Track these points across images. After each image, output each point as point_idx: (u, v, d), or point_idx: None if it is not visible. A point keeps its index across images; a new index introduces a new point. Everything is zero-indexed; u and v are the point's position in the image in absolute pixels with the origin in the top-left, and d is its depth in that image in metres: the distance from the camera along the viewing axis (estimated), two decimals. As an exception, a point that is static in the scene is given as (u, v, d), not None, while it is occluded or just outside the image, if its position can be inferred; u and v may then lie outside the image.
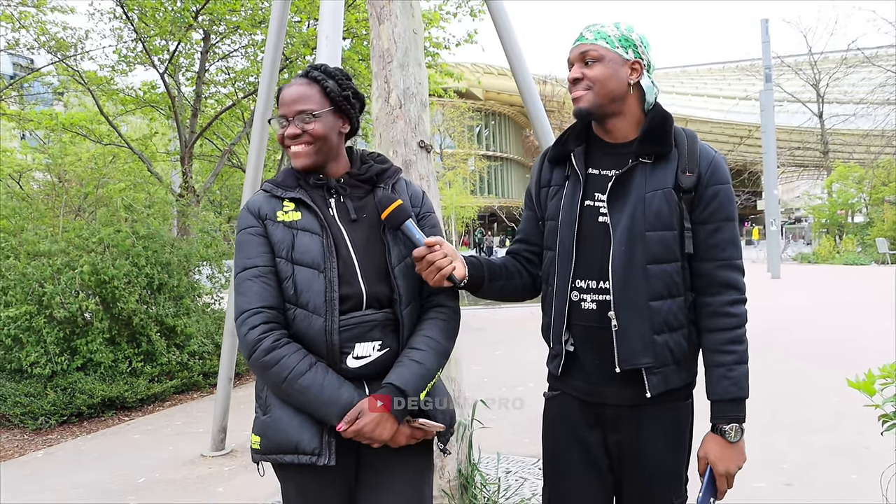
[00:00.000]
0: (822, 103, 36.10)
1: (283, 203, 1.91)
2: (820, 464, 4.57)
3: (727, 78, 58.09)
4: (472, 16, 11.83)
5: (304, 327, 1.82)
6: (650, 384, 1.89)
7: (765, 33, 22.30)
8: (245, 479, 4.81)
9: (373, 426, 1.76)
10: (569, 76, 1.98)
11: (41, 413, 6.22)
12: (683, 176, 1.91)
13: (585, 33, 1.96)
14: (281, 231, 1.86)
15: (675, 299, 1.90)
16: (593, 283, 1.94)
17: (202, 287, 8.28)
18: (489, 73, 40.47)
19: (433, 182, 3.66)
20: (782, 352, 8.32)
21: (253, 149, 5.10)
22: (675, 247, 1.90)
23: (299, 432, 1.80)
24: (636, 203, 1.89)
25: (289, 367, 1.76)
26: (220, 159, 11.74)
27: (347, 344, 1.83)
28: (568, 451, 2.04)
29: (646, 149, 1.93)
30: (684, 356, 1.93)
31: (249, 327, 1.79)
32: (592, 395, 1.99)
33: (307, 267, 1.83)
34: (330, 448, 1.79)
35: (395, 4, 3.57)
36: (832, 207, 30.02)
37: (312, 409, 1.78)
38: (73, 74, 10.95)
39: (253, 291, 1.82)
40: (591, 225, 1.96)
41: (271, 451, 1.83)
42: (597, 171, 2.00)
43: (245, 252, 1.87)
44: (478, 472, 3.86)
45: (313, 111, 1.91)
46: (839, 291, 15.44)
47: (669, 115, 1.99)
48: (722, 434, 1.88)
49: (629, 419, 1.96)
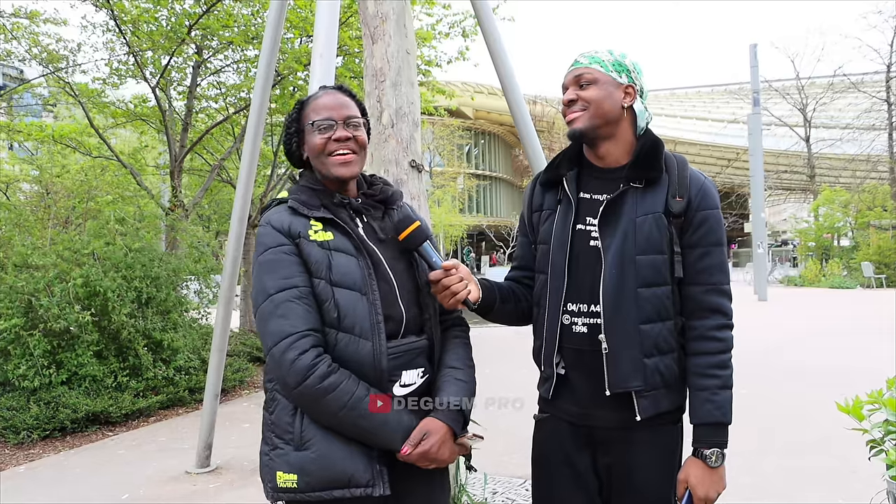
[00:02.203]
0: (809, 128, 36.43)
1: (310, 222, 1.82)
2: (806, 488, 4.57)
3: (716, 101, 58.59)
4: (464, 36, 11.88)
5: (352, 352, 1.74)
6: (640, 407, 1.89)
7: (753, 58, 22.53)
8: (230, 496, 4.76)
9: (437, 447, 1.75)
10: (563, 99, 2.00)
11: (24, 427, 6.14)
12: (673, 201, 1.92)
13: (580, 58, 1.99)
14: (317, 251, 1.77)
15: (666, 323, 1.91)
16: (584, 306, 1.95)
17: (190, 302, 8.24)
18: (480, 92, 40.57)
19: (424, 201, 3.66)
20: (769, 374, 8.36)
21: (244, 164, 5.10)
22: (665, 271, 1.91)
23: (352, 464, 1.71)
24: (627, 227, 1.91)
25: (348, 393, 1.68)
26: (209, 174, 11.71)
27: (396, 371, 1.79)
28: (558, 474, 2.04)
29: (637, 173, 1.95)
30: (675, 380, 1.94)
31: (299, 352, 1.67)
32: (582, 417, 1.99)
33: (348, 289, 1.76)
34: (382, 477, 1.73)
35: (389, 24, 3.59)
36: (818, 231, 30.24)
37: (376, 434, 1.72)
38: (63, 86, 10.92)
39: (297, 314, 1.70)
40: (583, 249, 1.97)
41: (315, 487, 1.70)
42: (588, 196, 2.01)
43: (279, 272, 1.75)
44: (465, 494, 3.84)
45: (359, 118, 1.90)
46: (826, 314, 15.53)
47: (660, 140, 2.01)
48: (703, 458, 1.87)
49: (620, 442, 1.96)
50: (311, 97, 1.94)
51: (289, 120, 1.95)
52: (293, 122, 1.94)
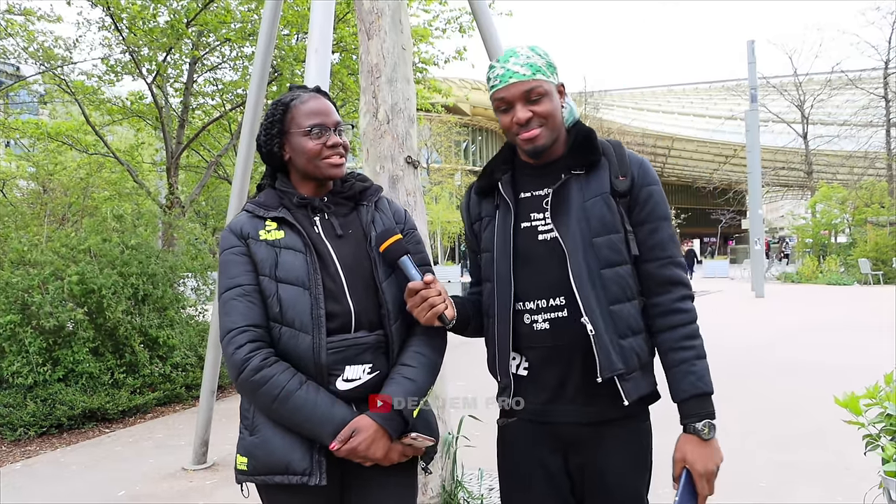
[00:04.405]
0: (806, 124, 36.44)
1: (265, 223, 1.90)
2: (799, 483, 4.57)
3: (713, 97, 58.53)
4: (461, 32, 11.88)
5: (292, 346, 1.80)
6: (625, 391, 1.85)
7: (751, 54, 22.51)
8: (227, 493, 4.77)
9: (367, 444, 1.75)
10: (515, 118, 1.91)
11: (20, 424, 6.14)
12: (617, 181, 1.92)
13: (516, 68, 1.90)
14: (264, 249, 1.85)
15: (632, 302, 1.90)
16: (543, 302, 1.92)
17: (186, 299, 8.24)
18: (477, 89, 40.51)
19: (420, 197, 3.66)
20: (765, 370, 8.37)
21: (240, 160, 5.09)
22: (622, 249, 1.90)
23: (289, 452, 1.77)
24: (578, 213, 1.89)
25: (279, 386, 1.73)
26: (206, 170, 11.71)
27: (337, 366, 1.81)
28: (529, 477, 1.99)
29: (576, 161, 1.95)
30: (647, 360, 1.93)
31: (236, 346, 1.76)
32: (544, 414, 1.96)
33: (291, 284, 1.81)
34: (321, 468, 1.77)
35: (385, 20, 3.59)
36: (815, 227, 30.27)
37: (304, 428, 1.76)
38: (59, 83, 10.91)
39: (237, 311, 1.80)
40: (531, 246, 1.95)
41: (260, 471, 1.81)
42: (528, 194, 2.00)
43: (228, 272, 1.85)
44: (461, 489, 3.85)
45: (342, 123, 1.95)
46: (823, 311, 15.54)
47: (592, 129, 2.02)
48: (696, 433, 1.83)
49: (591, 440, 1.93)
50: (293, 100, 1.95)
51: (270, 121, 1.96)
52: (276, 123, 1.95)
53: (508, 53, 1.93)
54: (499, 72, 1.92)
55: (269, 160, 2.00)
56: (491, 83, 1.96)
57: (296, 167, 1.97)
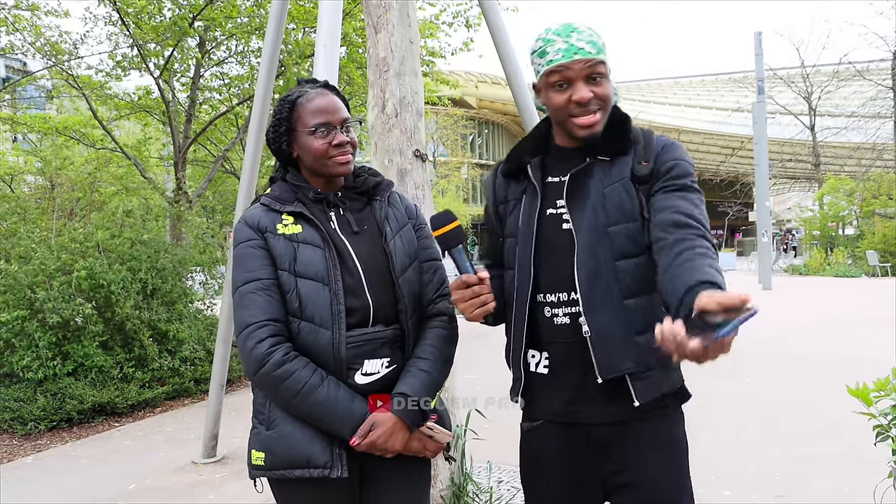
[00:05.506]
0: (813, 116, 36.21)
1: (281, 216, 1.88)
2: (812, 475, 4.57)
3: (720, 89, 58.28)
4: (467, 26, 11.85)
5: (311, 341, 1.79)
6: (636, 391, 1.71)
7: (758, 46, 22.38)
8: (236, 486, 4.79)
9: (386, 437, 1.77)
10: (575, 97, 1.75)
11: (31, 418, 6.17)
12: (639, 166, 1.78)
13: (581, 44, 1.74)
14: (282, 244, 1.83)
15: (651, 295, 1.74)
16: (564, 295, 1.80)
17: (195, 293, 8.26)
18: (483, 82, 40.46)
19: (428, 191, 3.66)
20: (775, 362, 8.35)
21: (248, 155, 5.10)
22: (640, 239, 1.75)
23: (310, 446, 1.78)
24: (595, 200, 1.77)
25: (302, 381, 1.74)
26: (213, 165, 11.71)
27: (356, 360, 1.83)
28: (557, 483, 1.88)
29: (604, 146, 1.82)
30: (670, 357, 1.68)
31: (256, 341, 1.75)
32: (567, 415, 1.84)
33: (311, 279, 1.81)
34: (341, 460, 1.79)
35: (392, 14, 3.59)
36: (823, 220, 30.12)
37: (325, 423, 1.77)
38: (66, 78, 10.93)
39: (257, 304, 1.78)
40: (555, 234, 1.82)
41: (279, 466, 1.80)
42: (557, 179, 1.88)
43: (246, 265, 1.83)
44: (470, 482, 3.85)
45: (351, 120, 1.94)
46: (831, 303, 15.49)
47: (628, 115, 1.87)
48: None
49: (619, 442, 1.80)
50: (300, 96, 1.93)
51: (277, 119, 1.95)
52: (283, 121, 1.94)
53: (568, 28, 1.77)
54: (560, 45, 1.75)
55: (279, 156, 2.01)
56: (548, 56, 1.77)
57: (304, 164, 1.97)
